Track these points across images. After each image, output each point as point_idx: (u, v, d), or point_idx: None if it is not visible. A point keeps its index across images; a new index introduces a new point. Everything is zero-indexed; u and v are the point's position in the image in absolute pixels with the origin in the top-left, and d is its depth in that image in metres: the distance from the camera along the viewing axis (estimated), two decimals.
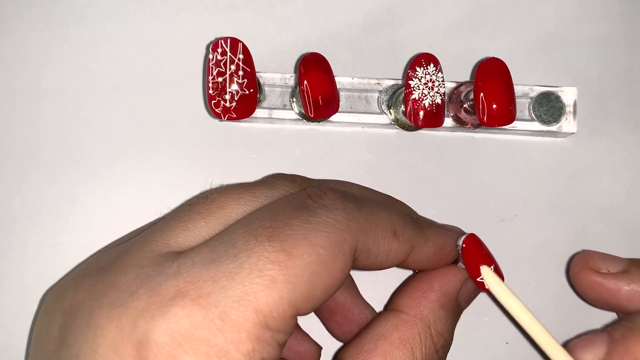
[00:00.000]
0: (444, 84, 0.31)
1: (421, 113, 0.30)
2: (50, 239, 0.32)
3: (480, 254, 0.27)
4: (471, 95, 0.31)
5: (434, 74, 0.30)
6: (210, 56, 0.30)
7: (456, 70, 0.34)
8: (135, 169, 0.33)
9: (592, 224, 0.34)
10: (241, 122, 0.33)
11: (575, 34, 0.35)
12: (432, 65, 0.31)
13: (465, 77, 0.34)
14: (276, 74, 0.33)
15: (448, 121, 0.33)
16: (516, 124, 0.33)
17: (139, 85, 0.34)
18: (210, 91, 0.30)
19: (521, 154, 0.34)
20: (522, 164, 0.34)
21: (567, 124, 0.33)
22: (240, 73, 0.30)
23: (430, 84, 0.30)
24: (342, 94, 0.33)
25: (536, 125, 0.33)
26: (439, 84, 0.31)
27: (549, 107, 0.33)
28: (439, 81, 0.31)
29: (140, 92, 0.34)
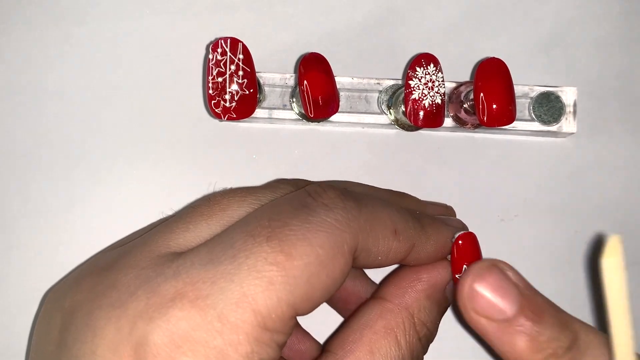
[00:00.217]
0: (444, 84, 0.31)
1: (421, 113, 0.30)
2: (50, 239, 0.32)
3: (471, 257, 0.27)
4: (471, 95, 0.31)
5: (434, 74, 0.30)
6: (210, 56, 0.30)
7: (456, 70, 0.34)
8: (135, 168, 0.33)
9: (592, 224, 0.34)
10: (241, 122, 0.33)
11: (575, 34, 0.35)
12: (432, 65, 0.30)
13: (465, 77, 0.34)
14: (276, 74, 0.33)
15: (448, 121, 0.33)
16: (516, 124, 0.33)
17: (139, 85, 0.34)
18: (210, 91, 0.30)
19: (521, 154, 0.34)
20: (522, 164, 0.34)
21: (567, 124, 0.33)
22: (240, 73, 0.30)
23: (430, 84, 0.30)
24: (342, 94, 0.33)
25: (536, 126, 0.33)
26: (439, 84, 0.30)
27: (549, 107, 0.33)
28: (439, 81, 0.30)
29: (140, 92, 0.34)
